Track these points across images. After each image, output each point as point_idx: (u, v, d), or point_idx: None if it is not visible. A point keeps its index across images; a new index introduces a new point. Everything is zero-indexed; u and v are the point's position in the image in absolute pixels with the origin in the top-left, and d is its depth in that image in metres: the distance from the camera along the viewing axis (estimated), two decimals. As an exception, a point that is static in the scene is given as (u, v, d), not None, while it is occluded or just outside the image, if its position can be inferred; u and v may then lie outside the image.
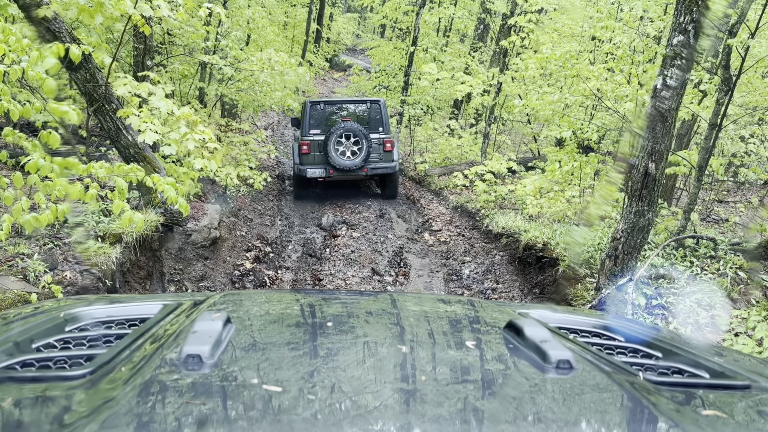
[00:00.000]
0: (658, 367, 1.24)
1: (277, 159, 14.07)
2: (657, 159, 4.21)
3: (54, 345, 1.19)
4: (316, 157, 9.52)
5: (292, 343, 1.21)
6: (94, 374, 0.96)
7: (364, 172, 9.77)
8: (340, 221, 9.58)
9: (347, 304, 1.64)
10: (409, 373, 1.03)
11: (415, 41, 14.09)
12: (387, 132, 10.04)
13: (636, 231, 4.43)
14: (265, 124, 18.70)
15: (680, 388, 1.07)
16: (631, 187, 4.40)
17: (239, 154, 9.66)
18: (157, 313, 1.41)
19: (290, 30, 26.34)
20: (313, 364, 1.05)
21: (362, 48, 26.09)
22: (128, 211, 2.47)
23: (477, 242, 8.73)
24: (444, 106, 17.55)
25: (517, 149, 14.12)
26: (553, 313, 1.66)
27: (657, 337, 1.45)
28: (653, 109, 4.15)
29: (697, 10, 3.77)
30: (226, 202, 7.96)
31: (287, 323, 1.41)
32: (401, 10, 18.94)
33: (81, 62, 4.13)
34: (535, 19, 9.27)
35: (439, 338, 1.33)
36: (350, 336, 1.28)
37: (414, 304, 1.66)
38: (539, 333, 1.17)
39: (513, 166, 9.35)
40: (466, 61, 13.70)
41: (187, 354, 0.98)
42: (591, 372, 1.07)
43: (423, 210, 10.80)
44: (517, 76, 10.23)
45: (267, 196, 10.33)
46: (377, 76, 18.15)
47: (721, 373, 1.16)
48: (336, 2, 33.16)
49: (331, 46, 31.23)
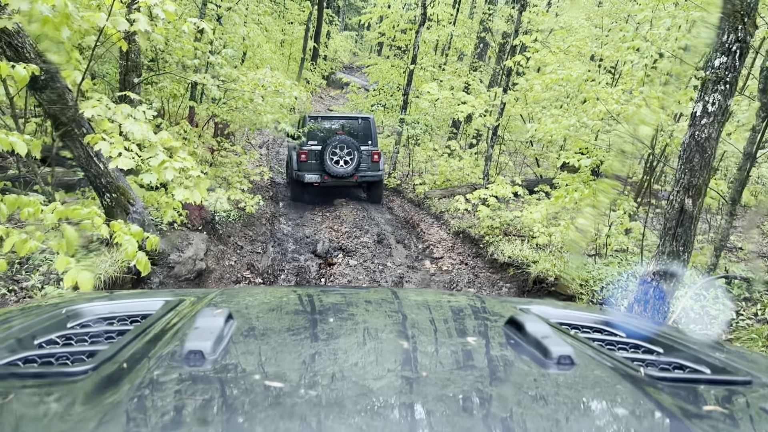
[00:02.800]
0: (659, 363, 1.23)
1: (271, 179, 13.59)
2: (694, 194, 3.75)
3: (56, 341, 1.19)
4: (312, 164, 10.79)
5: (295, 339, 1.20)
6: (96, 370, 0.96)
7: (354, 179, 11.08)
8: (336, 247, 9.09)
9: (349, 299, 1.62)
10: (411, 368, 1.03)
11: (415, 59, 13.73)
12: (375, 145, 11.39)
13: (670, 274, 3.95)
14: (260, 143, 18.27)
15: (681, 383, 1.06)
16: (665, 225, 3.93)
17: (231, 175, 9.18)
18: (159, 309, 1.40)
19: (287, 47, 26.12)
20: (316, 360, 1.04)
21: (359, 65, 25.89)
22: (74, 268, 1.98)
23: (481, 272, 8.24)
24: (442, 125, 17.18)
25: (520, 171, 13.70)
26: (555, 309, 1.65)
27: (658, 332, 1.43)
28: (691, 139, 3.70)
29: (743, 29, 3.33)
30: (214, 229, 7.45)
31: (289, 319, 1.40)
32: (399, 28, 18.68)
33: (47, 81, 3.65)
34: (541, 39, 8.90)
35: (441, 333, 1.33)
36: (352, 331, 1.27)
37: (416, 299, 1.66)
38: (540, 328, 1.16)
39: (519, 191, 8.89)
40: (466, 80, 13.34)
41: (189, 350, 0.98)
42: (592, 367, 1.07)
43: (423, 235, 10.31)
44: (521, 97, 9.83)
45: (259, 219, 9.83)
46: (375, 95, 17.80)
47: (722, 368, 1.16)
48: (333, 20, 33.10)
49: (328, 63, 31.06)
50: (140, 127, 3.25)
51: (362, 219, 11.01)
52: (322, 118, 11.42)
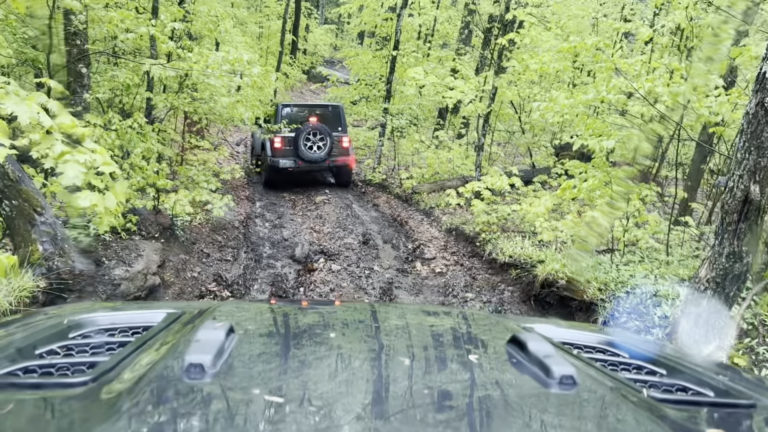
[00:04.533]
0: (662, 384, 1.22)
1: (248, 178, 12.66)
2: (763, 179, 2.92)
3: (57, 351, 1.19)
4: (287, 150, 11.24)
5: (296, 354, 1.20)
6: (96, 381, 0.96)
7: (326, 164, 11.62)
8: (317, 250, 8.20)
9: (353, 315, 1.62)
10: (413, 384, 1.02)
11: (397, 45, 12.84)
12: (344, 131, 11.94)
13: (730, 280, 3.13)
14: (237, 140, 17.29)
15: (684, 405, 1.06)
16: (723, 219, 3.10)
17: (197, 174, 8.23)
18: (161, 321, 1.41)
19: (264, 41, 25.13)
20: (317, 376, 1.04)
21: (340, 58, 24.94)
22: None
23: (479, 273, 7.40)
24: (428, 116, 16.31)
25: (513, 162, 12.90)
26: (558, 329, 1.63)
27: (661, 354, 1.42)
28: (758, 108, 2.87)
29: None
30: (174, 236, 6.51)
31: (291, 333, 1.39)
32: (381, 17, 17.78)
33: None
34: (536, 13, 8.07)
35: (443, 351, 1.33)
36: (355, 347, 1.28)
37: (418, 316, 1.67)
38: (543, 348, 1.15)
39: (516, 182, 8.07)
40: (454, 65, 12.49)
41: (189, 363, 0.97)
42: (594, 388, 1.07)
43: (412, 233, 9.45)
44: (515, 79, 8.98)
45: (231, 222, 8.89)
46: (356, 87, 16.90)
47: (725, 391, 1.15)
48: (312, 13, 32.10)
49: (308, 58, 30.09)
50: (26, 108, 2.34)
51: (346, 218, 10.15)
52: (295, 107, 12.03)
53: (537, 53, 7.63)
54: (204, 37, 12.61)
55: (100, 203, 2.52)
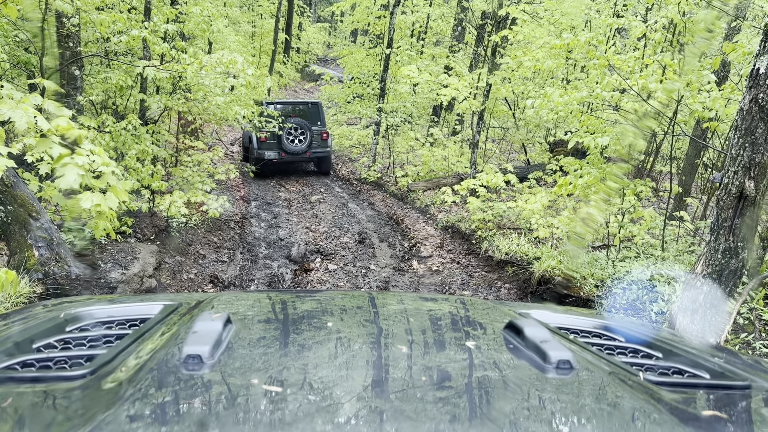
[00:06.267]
0: (658, 368, 1.23)
1: (243, 178, 12.64)
2: (757, 175, 2.94)
3: (54, 345, 1.19)
4: (271, 143, 12.42)
5: (293, 344, 1.19)
6: (94, 374, 0.96)
7: (307, 155, 12.90)
8: (314, 250, 8.20)
9: (351, 302, 1.61)
10: (411, 371, 1.02)
11: (391, 43, 12.81)
12: (324, 125, 13.17)
13: (726, 276, 3.15)
14: (232, 140, 17.24)
15: (680, 388, 1.06)
16: (718, 215, 3.12)
17: (192, 175, 8.20)
18: (158, 313, 1.40)
19: (258, 40, 25.04)
20: (315, 365, 1.03)
21: (334, 56, 24.89)
22: None
23: (476, 271, 7.41)
24: (423, 114, 16.31)
25: (507, 158, 12.91)
26: (554, 314, 1.62)
27: (657, 337, 1.43)
28: (752, 104, 2.88)
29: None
30: (170, 238, 6.49)
31: (288, 323, 1.38)
32: (374, 15, 17.74)
33: None
34: (529, 10, 8.07)
35: (441, 337, 1.32)
36: (353, 335, 1.26)
37: (417, 303, 1.66)
38: (539, 333, 1.16)
39: (511, 179, 8.08)
40: (447, 63, 12.47)
41: (187, 354, 0.97)
42: (591, 372, 1.07)
43: (408, 232, 9.45)
44: (509, 76, 8.98)
45: (227, 223, 8.88)
46: (350, 86, 16.86)
47: (721, 373, 1.16)
48: (305, 11, 32.00)
49: (301, 56, 30.02)
50: (23, 113, 2.33)
51: (342, 217, 10.15)
52: (277, 103, 13.06)
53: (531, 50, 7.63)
54: (197, 37, 12.61)
55: (103, 204, 2.51)
